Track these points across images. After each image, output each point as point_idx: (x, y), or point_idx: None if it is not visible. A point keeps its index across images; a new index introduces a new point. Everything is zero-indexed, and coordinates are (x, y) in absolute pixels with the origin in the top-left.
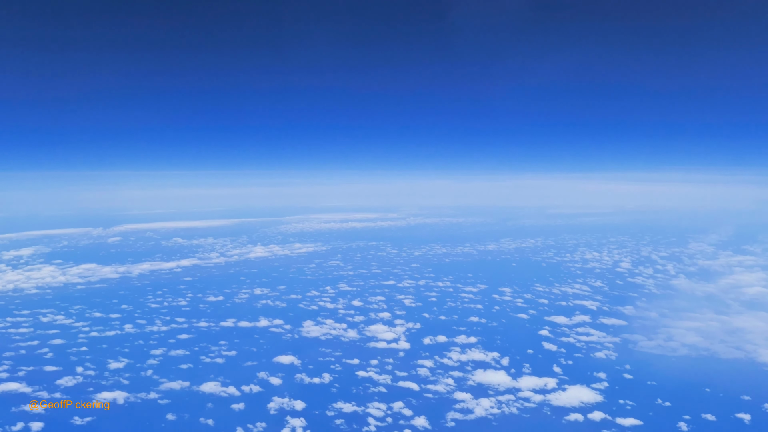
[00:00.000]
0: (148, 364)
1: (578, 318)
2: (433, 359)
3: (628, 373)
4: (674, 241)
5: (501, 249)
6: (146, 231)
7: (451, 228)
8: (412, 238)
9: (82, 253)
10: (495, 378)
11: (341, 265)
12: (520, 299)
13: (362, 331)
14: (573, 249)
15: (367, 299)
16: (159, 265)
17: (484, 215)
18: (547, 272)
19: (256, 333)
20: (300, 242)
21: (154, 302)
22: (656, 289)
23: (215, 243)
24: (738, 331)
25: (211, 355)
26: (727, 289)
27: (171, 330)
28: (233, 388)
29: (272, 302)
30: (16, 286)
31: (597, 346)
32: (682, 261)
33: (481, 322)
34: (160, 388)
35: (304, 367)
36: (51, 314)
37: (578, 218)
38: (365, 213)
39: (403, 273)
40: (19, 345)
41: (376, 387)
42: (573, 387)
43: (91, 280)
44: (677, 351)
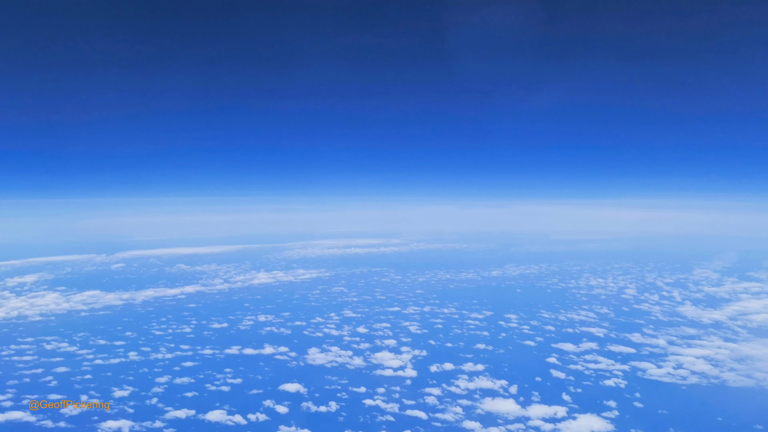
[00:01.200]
0: (153, 392)
1: (586, 345)
2: (440, 387)
3: (639, 402)
4: (678, 267)
5: (505, 275)
6: (149, 257)
7: (455, 254)
8: (415, 264)
9: (86, 280)
10: (504, 406)
11: (345, 291)
12: (526, 326)
13: (368, 358)
14: (577, 275)
15: (372, 326)
16: (163, 291)
17: (487, 241)
18: (553, 299)
19: (261, 360)
20: (303, 268)
21: (159, 329)
22: (663, 315)
23: (219, 269)
24: (747, 358)
25: (216, 383)
26: (735, 316)
27: (176, 357)
28: (239, 416)
29: (277, 329)
30: (19, 314)
31: (606, 374)
32: (687, 287)
33: (488, 349)
34: (166, 416)
35: (310, 395)
36: (55, 341)
37: (581, 244)
38: (368, 239)
39: (408, 299)
40: (23, 373)
41: (383, 416)
42: (583, 416)
43: (95, 306)
44: (687, 379)
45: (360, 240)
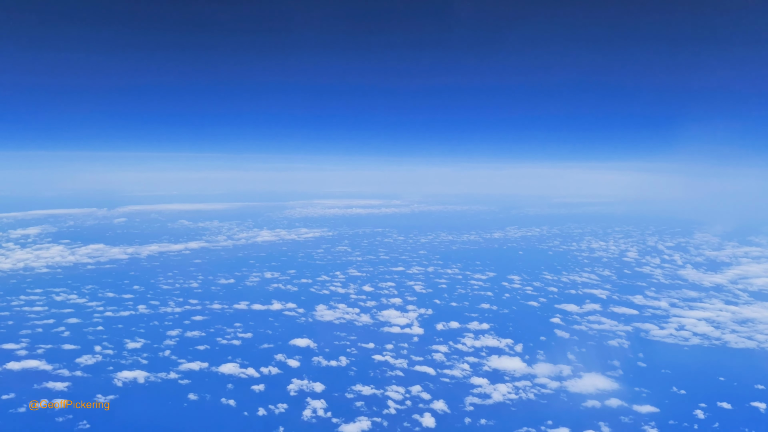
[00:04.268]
0: (165, 344)
1: (589, 306)
2: (447, 345)
3: (642, 362)
4: (679, 231)
5: (507, 237)
6: (151, 213)
7: (456, 216)
8: (417, 225)
9: (89, 234)
10: (510, 364)
11: (349, 250)
12: (529, 287)
13: (375, 316)
14: (579, 238)
15: (378, 285)
16: (167, 246)
17: (488, 204)
18: (555, 261)
19: (270, 316)
20: (306, 227)
21: (166, 284)
22: (664, 278)
23: (221, 226)
24: (748, 321)
25: (227, 337)
26: (735, 280)
27: (185, 311)
28: (252, 369)
29: (283, 286)
30: (26, 265)
31: (609, 335)
32: (688, 251)
33: (493, 309)
34: (180, 368)
35: (320, 350)
36: (64, 293)
37: (582, 207)
38: (368, 200)
39: (411, 260)
40: (35, 323)
41: (393, 371)
42: (588, 374)
43: (101, 260)
44: (689, 340)
45: (361, 200)
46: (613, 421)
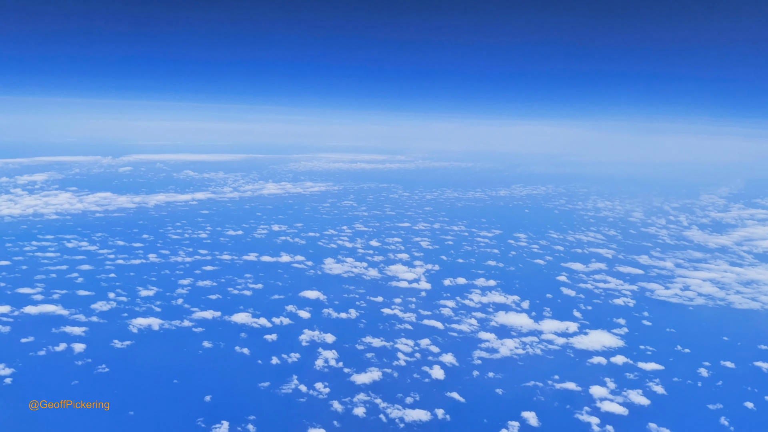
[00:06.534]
0: (178, 293)
1: (594, 265)
2: (454, 300)
3: (647, 320)
4: (685, 192)
5: (512, 195)
6: (156, 162)
7: (461, 173)
8: (422, 181)
9: (96, 182)
10: (517, 320)
11: (355, 205)
12: (535, 245)
13: (383, 270)
14: (584, 197)
15: (385, 240)
16: (174, 197)
17: (492, 161)
18: (561, 219)
19: (279, 268)
20: (311, 181)
21: (175, 233)
22: (670, 239)
23: (227, 177)
24: (753, 282)
25: (238, 287)
26: (741, 242)
27: (195, 261)
28: (264, 319)
29: (291, 239)
30: (35, 211)
31: (615, 293)
32: (694, 212)
33: (499, 266)
34: (193, 317)
35: (330, 302)
36: (75, 240)
37: (587, 167)
38: (373, 154)
39: (417, 216)
40: (48, 269)
41: (401, 324)
42: (594, 331)
43: (109, 208)
44: (694, 300)
45: (365, 155)
46: (619, 377)
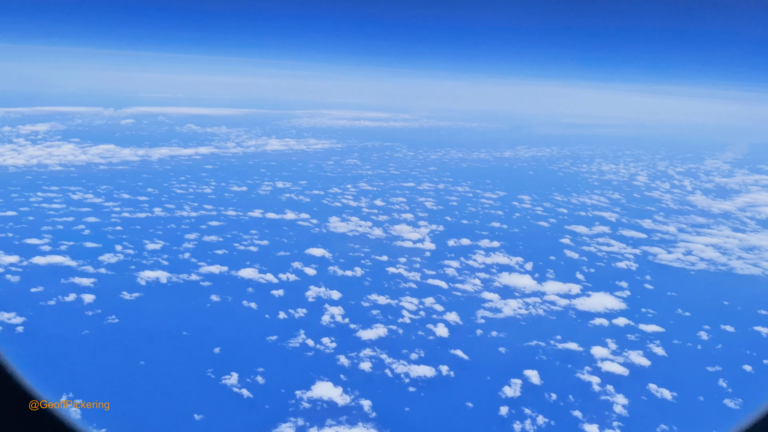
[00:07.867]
0: (184, 247)
1: (598, 228)
2: (458, 260)
3: (649, 284)
4: (690, 156)
5: (517, 156)
6: (158, 115)
7: (465, 133)
8: (426, 140)
9: (98, 133)
10: (520, 281)
11: (359, 164)
12: (539, 207)
13: (387, 229)
14: (589, 160)
15: (389, 200)
16: (177, 150)
17: (497, 121)
18: (565, 182)
19: (285, 225)
20: (314, 138)
21: (179, 188)
22: (673, 203)
23: (229, 132)
24: (755, 248)
25: (244, 243)
26: (744, 207)
27: (201, 216)
28: (271, 275)
29: (296, 196)
30: (39, 162)
31: (618, 257)
32: (698, 177)
33: (503, 227)
34: (200, 271)
35: (335, 260)
36: (80, 192)
37: (592, 129)
38: (377, 112)
39: (422, 175)
40: (55, 220)
41: (406, 283)
42: (596, 294)
43: (113, 161)
44: (696, 265)
45: (369, 113)
46: (620, 338)
